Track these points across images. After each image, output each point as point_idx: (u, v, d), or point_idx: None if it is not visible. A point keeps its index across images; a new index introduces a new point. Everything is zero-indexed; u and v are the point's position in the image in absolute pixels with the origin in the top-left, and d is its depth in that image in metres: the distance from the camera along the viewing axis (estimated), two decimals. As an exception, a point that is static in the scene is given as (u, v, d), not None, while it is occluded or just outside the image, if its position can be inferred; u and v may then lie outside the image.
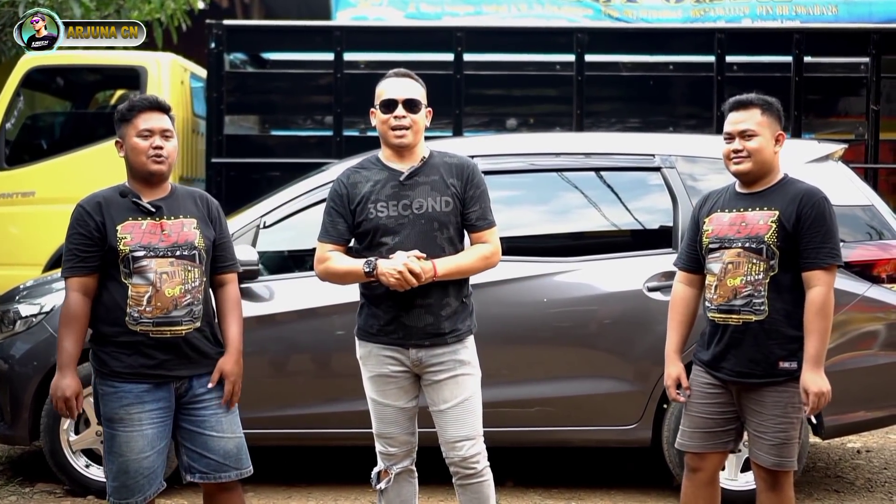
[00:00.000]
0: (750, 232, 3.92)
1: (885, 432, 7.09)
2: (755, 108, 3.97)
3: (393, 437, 4.14)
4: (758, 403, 3.94)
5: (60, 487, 5.66)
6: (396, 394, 4.11)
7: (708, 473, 4.11)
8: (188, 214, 3.88)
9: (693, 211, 4.23)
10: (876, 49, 9.11)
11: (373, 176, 4.06)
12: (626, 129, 9.59)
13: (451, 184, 4.05)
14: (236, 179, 9.22)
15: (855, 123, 9.66)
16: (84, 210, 3.80)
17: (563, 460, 6.40)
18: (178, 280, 3.78)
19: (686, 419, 4.13)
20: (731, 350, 3.95)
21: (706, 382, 4.06)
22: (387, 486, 4.17)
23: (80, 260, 3.78)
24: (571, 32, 9.44)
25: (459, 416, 4.08)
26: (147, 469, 3.78)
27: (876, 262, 5.58)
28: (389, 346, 4.07)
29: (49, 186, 9.02)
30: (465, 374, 4.09)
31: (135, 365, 3.77)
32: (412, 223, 4.00)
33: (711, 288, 4.00)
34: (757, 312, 3.90)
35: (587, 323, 5.55)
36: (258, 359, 5.52)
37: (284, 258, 6.12)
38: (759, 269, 3.89)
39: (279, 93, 10.13)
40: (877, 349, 5.59)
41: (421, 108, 4.05)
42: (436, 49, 9.71)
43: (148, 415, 3.78)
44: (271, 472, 6.02)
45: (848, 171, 5.90)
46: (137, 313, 3.75)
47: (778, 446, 3.93)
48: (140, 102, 3.86)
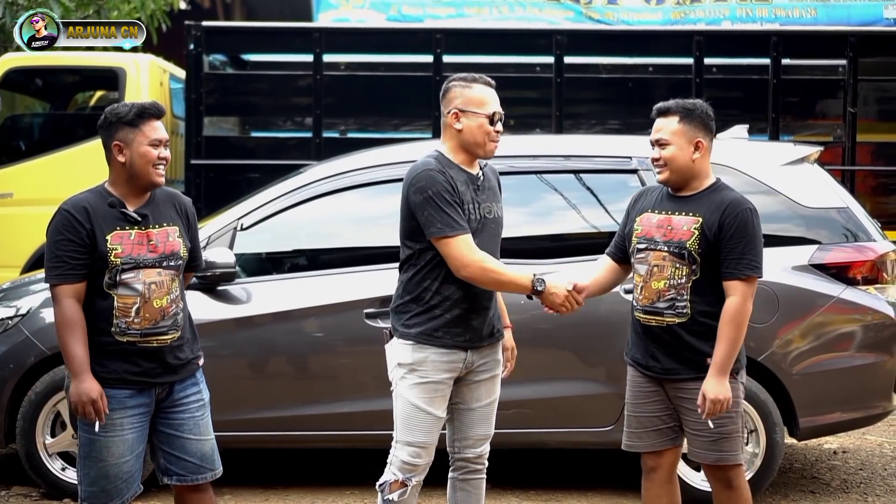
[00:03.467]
0: (674, 237, 3.98)
1: (862, 433, 7.13)
2: (673, 116, 4.01)
3: (426, 448, 4.05)
4: (690, 402, 3.98)
5: (37, 490, 5.64)
6: (441, 402, 4.05)
7: (666, 471, 4.15)
8: (171, 222, 3.86)
9: (628, 204, 4.27)
10: (853, 52, 9.17)
11: (456, 176, 4.01)
12: (605, 130, 9.64)
13: (500, 190, 4.20)
14: (215, 181, 9.22)
15: (833, 126, 9.72)
16: (72, 216, 3.71)
17: (541, 462, 6.41)
18: (165, 290, 3.77)
19: (631, 420, 4.17)
20: (657, 349, 4.02)
21: (642, 382, 4.12)
22: (400, 498, 4.05)
23: (70, 267, 3.70)
24: (550, 34, 9.47)
25: (487, 416, 4.16)
26: (126, 473, 3.78)
27: (851, 264, 5.61)
28: (451, 350, 4.00)
29: (27, 188, 9.00)
30: (499, 374, 4.20)
31: (118, 371, 3.75)
32: (485, 226, 4.03)
33: (638, 288, 4.07)
34: (680, 315, 3.97)
35: (563, 325, 5.51)
36: (235, 361, 5.55)
37: (262, 260, 6.10)
38: (682, 273, 3.95)
39: (258, 94, 10.14)
40: (852, 351, 5.62)
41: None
42: (415, 51, 9.74)
43: (129, 419, 3.77)
44: (248, 474, 6.00)
45: (824, 173, 5.94)
46: (125, 324, 3.72)
47: (717, 441, 3.98)
48: (150, 109, 3.80)
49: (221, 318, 5.48)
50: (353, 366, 5.55)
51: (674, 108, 4.03)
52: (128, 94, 9.12)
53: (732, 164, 5.67)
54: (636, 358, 4.13)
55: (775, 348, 5.46)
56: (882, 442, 7.00)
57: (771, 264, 5.26)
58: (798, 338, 5.52)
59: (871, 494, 5.84)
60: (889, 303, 5.64)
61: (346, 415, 5.50)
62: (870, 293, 5.60)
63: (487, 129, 4.01)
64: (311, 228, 5.99)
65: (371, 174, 5.80)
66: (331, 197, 5.80)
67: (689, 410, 4.00)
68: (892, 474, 6.25)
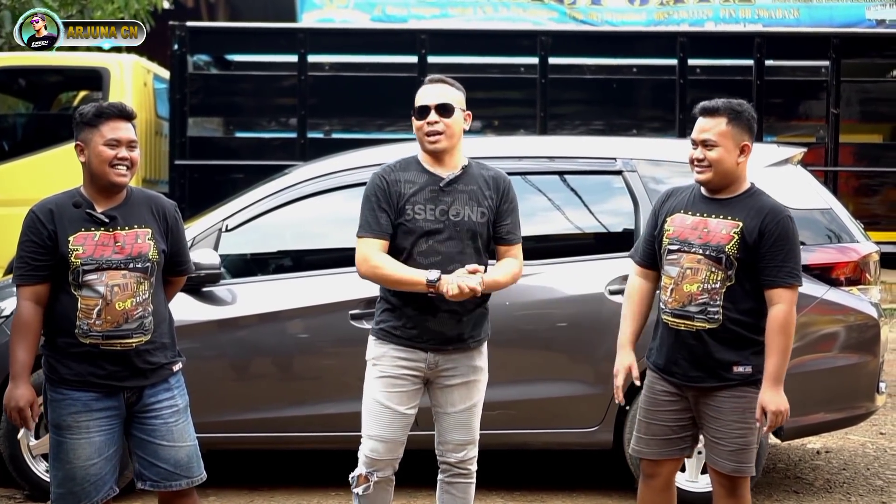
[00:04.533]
0: (711, 239, 3.90)
1: (845, 433, 7.17)
2: (722, 117, 3.92)
3: (386, 443, 4.10)
4: (715, 410, 3.95)
5: (20, 492, 5.64)
6: (400, 398, 4.09)
7: (664, 479, 4.13)
8: (143, 224, 3.82)
9: (654, 204, 4.18)
10: (836, 53, 9.26)
11: (413, 178, 4.06)
12: (590, 131, 9.68)
13: (489, 196, 4.10)
14: (200, 181, 9.25)
15: (815, 126, 9.79)
16: (36, 217, 3.73)
17: (527, 463, 6.43)
18: (130, 293, 3.73)
19: (642, 426, 4.12)
20: (682, 354, 3.95)
21: (662, 390, 4.05)
22: (364, 493, 4.14)
23: (31, 268, 3.72)
24: (535, 35, 9.52)
25: (465, 421, 4.16)
26: (94, 476, 3.76)
27: (835, 265, 5.63)
28: (408, 349, 4.06)
29: (10, 188, 9.05)
30: (477, 380, 4.17)
31: (83, 373, 3.73)
32: (447, 229, 4.02)
33: (667, 290, 3.98)
34: (711, 321, 3.90)
35: (549, 326, 5.58)
36: (220, 362, 5.55)
37: (247, 261, 6.11)
38: (717, 277, 3.88)
39: (243, 94, 10.20)
40: (835, 352, 5.65)
41: (454, 112, 4.06)
42: (400, 51, 9.80)
43: (96, 422, 3.75)
44: (233, 475, 6.01)
45: (807, 174, 5.97)
46: (87, 326, 3.71)
47: (736, 452, 3.95)
48: (109, 109, 3.78)
49: (206, 319, 5.48)
50: (338, 367, 5.55)
51: (722, 108, 3.93)
52: (112, 94, 9.15)
53: (716, 165, 5.71)
54: (658, 363, 4.06)
55: (759, 349, 5.48)
56: (865, 442, 7.04)
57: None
58: (782, 338, 5.54)
59: (854, 494, 5.87)
60: (872, 303, 5.67)
61: (331, 416, 5.50)
62: (853, 294, 5.62)
63: (419, 125, 4.06)
64: (296, 229, 6.01)
65: (356, 175, 5.78)
66: (316, 198, 5.80)
67: (713, 419, 3.96)
68: (874, 474, 6.28)
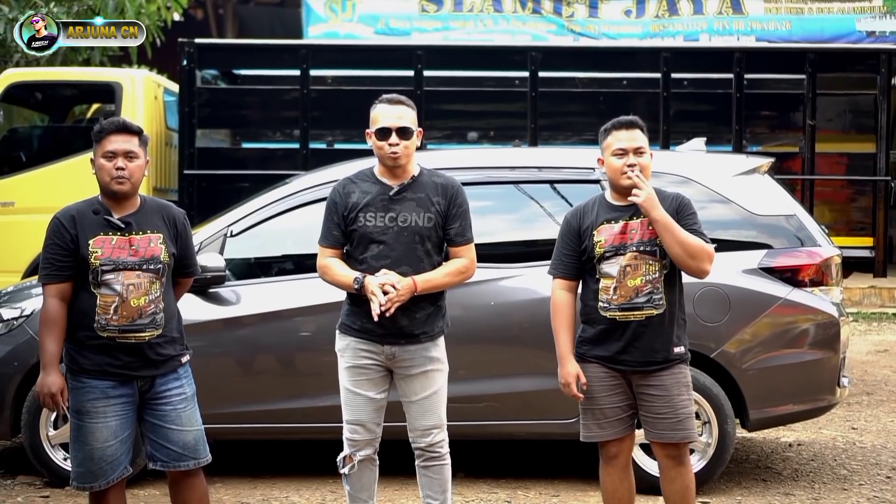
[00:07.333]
0: (643, 236, 4.35)
1: (819, 428, 7.53)
2: (639, 129, 4.43)
3: (361, 425, 4.55)
4: (658, 388, 4.39)
5: (40, 479, 6.00)
6: (367, 385, 4.53)
7: (626, 456, 4.55)
8: (155, 229, 4.19)
9: (570, 225, 4.52)
10: (812, 67, 9.62)
11: (366, 188, 4.51)
12: (581, 142, 10.03)
13: (436, 201, 4.49)
14: (207, 190, 9.57)
15: (793, 137, 10.16)
16: (60, 222, 4.13)
17: (510, 452, 6.80)
18: (143, 291, 4.11)
19: (592, 413, 4.51)
20: (633, 343, 4.38)
21: (605, 376, 4.46)
22: (350, 471, 4.60)
23: (56, 268, 4.11)
24: (526, 51, 9.89)
25: (429, 408, 4.54)
26: (110, 456, 4.14)
27: (798, 267, 5.99)
28: (366, 341, 4.50)
29: (28, 197, 9.32)
30: (435, 369, 4.55)
31: (101, 363, 4.12)
32: (396, 234, 4.44)
33: (609, 290, 4.38)
34: (658, 307, 4.35)
35: (531, 324, 5.86)
36: (225, 359, 5.92)
37: (251, 265, 6.45)
38: (655, 268, 4.35)
39: (248, 107, 10.52)
40: (798, 348, 5.99)
41: (412, 135, 4.48)
42: (398, 66, 10.11)
43: (112, 408, 4.14)
44: (238, 464, 6.36)
45: (773, 182, 6.32)
46: (105, 321, 4.08)
47: (683, 420, 4.40)
48: (108, 125, 4.15)
49: (212, 318, 5.86)
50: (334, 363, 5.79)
51: (639, 122, 4.46)
52: (124, 107, 9.43)
53: (688, 174, 6.10)
54: (601, 356, 4.46)
55: (727, 346, 5.84)
56: (836, 436, 7.38)
57: (723, 267, 5.69)
58: (748, 336, 5.89)
59: (818, 482, 6.22)
60: (833, 303, 6.02)
61: (328, 408, 5.75)
62: (815, 294, 5.97)
63: (379, 145, 4.46)
64: (297, 235, 6.32)
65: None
66: (316, 205, 6.04)
67: (657, 396, 4.39)
68: (840, 464, 6.62)
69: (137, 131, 4.20)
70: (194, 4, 17.25)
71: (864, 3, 16.21)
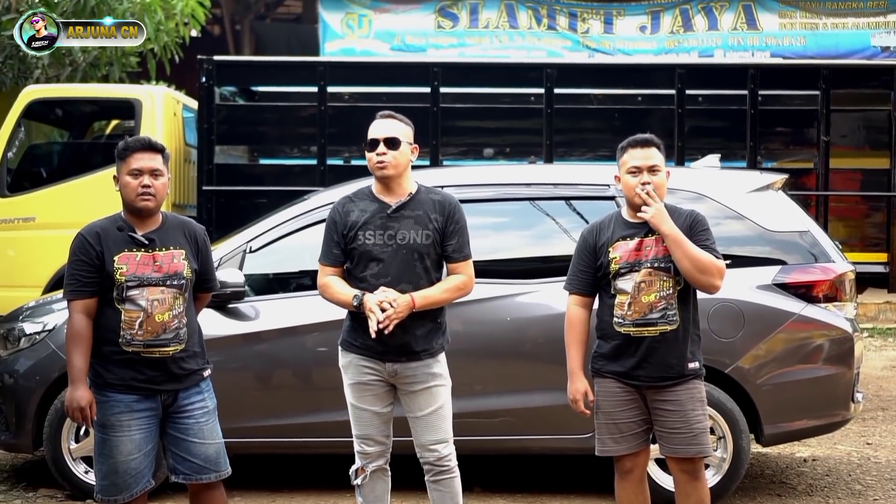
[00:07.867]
0: (657, 253, 4.41)
1: (834, 443, 7.56)
2: (655, 147, 4.50)
3: (369, 438, 4.63)
4: (672, 403, 4.44)
5: (61, 492, 6.07)
6: (372, 400, 4.60)
7: (641, 470, 4.60)
8: (178, 246, 4.27)
9: (587, 241, 4.60)
10: (826, 83, 9.65)
11: (364, 206, 4.57)
12: (597, 158, 10.07)
13: (434, 219, 4.54)
14: (226, 206, 9.63)
15: (807, 153, 10.19)
16: (85, 239, 4.19)
17: (527, 467, 6.84)
18: (167, 306, 4.18)
19: (607, 427, 4.57)
20: (647, 359, 4.43)
21: (621, 391, 4.52)
22: (363, 482, 4.67)
23: (81, 284, 4.18)
24: (541, 68, 9.95)
25: (434, 423, 4.59)
26: (134, 469, 4.21)
27: (812, 283, 6.03)
28: (368, 358, 4.56)
29: (48, 212, 9.37)
30: (438, 385, 4.60)
31: (126, 378, 4.19)
32: (395, 252, 4.49)
33: (624, 306, 4.45)
34: (671, 322, 4.41)
35: (547, 339, 5.91)
36: (244, 373, 5.99)
37: (269, 280, 6.51)
38: (669, 284, 4.41)
39: (266, 124, 10.59)
40: (812, 364, 6.02)
41: (401, 145, 4.52)
42: (414, 83, 10.17)
43: (136, 422, 4.20)
44: (257, 478, 6.43)
45: (787, 199, 6.37)
46: (130, 336, 4.15)
47: (698, 435, 4.45)
48: (134, 143, 4.23)
49: (232, 333, 5.94)
50: None
51: (655, 140, 4.54)
52: (144, 123, 9.49)
53: (703, 191, 6.15)
54: (616, 371, 4.51)
55: (741, 361, 5.88)
56: (851, 451, 7.41)
57: (737, 283, 5.77)
58: (762, 351, 5.93)
59: (833, 497, 6.25)
60: (847, 319, 6.06)
61: (346, 423, 5.83)
62: (829, 310, 6.02)
63: (369, 156, 4.54)
64: (315, 251, 6.31)
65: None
66: None
67: (671, 411, 4.44)
68: (855, 479, 6.66)
69: (161, 149, 4.28)
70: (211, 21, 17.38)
71: (878, 18, 16.27)
